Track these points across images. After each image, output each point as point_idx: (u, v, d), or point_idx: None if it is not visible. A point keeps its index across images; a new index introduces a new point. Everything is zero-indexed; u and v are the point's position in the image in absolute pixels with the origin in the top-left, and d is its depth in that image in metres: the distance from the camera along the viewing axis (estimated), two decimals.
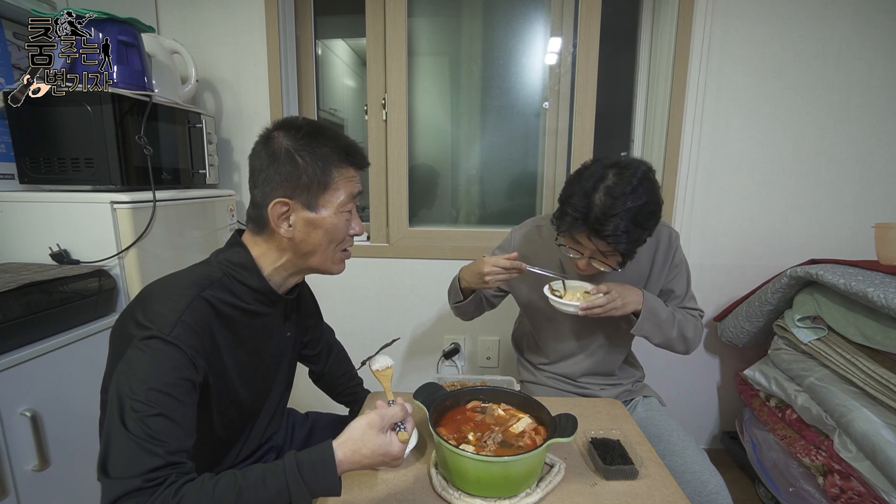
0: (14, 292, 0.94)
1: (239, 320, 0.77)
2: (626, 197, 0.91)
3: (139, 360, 0.64)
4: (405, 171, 1.80)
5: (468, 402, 0.93)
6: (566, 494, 0.78)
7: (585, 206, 0.93)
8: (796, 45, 1.61)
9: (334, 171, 0.75)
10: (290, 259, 0.79)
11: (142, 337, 0.65)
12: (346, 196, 0.77)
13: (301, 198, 0.74)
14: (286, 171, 0.73)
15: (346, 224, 0.79)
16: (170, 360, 0.65)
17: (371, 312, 1.87)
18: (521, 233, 1.26)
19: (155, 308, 0.68)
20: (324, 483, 0.63)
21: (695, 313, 1.19)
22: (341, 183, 0.76)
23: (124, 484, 0.57)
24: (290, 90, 1.78)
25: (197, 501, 0.58)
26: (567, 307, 1.02)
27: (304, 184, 0.74)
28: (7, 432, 0.93)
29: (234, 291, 0.76)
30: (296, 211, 0.75)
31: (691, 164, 1.69)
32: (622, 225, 0.90)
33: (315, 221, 0.75)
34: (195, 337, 0.68)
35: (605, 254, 0.98)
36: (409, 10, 1.71)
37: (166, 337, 0.65)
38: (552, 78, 1.79)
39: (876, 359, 1.20)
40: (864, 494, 1.15)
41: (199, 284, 0.72)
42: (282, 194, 0.73)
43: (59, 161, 1.21)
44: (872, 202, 1.69)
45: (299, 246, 0.77)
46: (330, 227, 0.76)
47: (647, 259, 1.15)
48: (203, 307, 0.71)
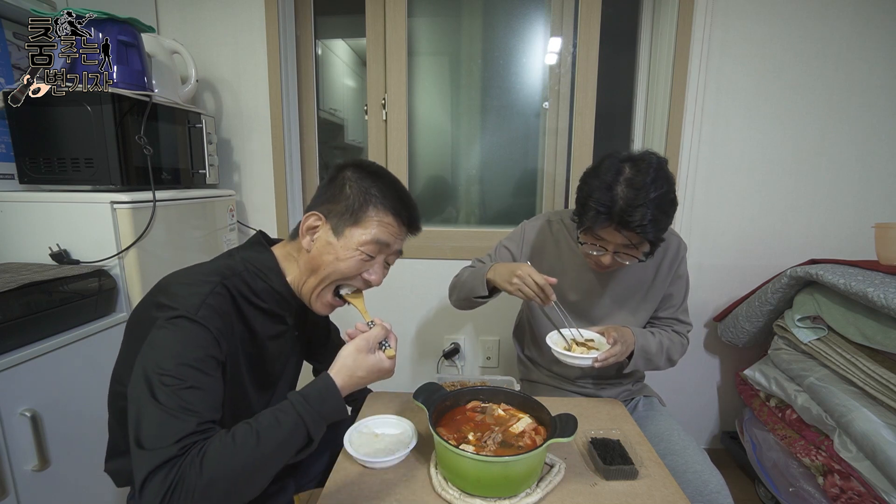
0: (14, 292, 0.94)
1: (254, 316, 0.80)
2: (647, 187, 0.91)
3: (166, 338, 0.66)
4: (405, 171, 1.80)
5: (468, 402, 0.93)
6: (566, 494, 0.78)
7: (609, 200, 0.93)
8: (796, 45, 1.61)
9: (371, 211, 0.78)
10: (298, 272, 0.82)
11: (168, 317, 0.67)
12: (371, 238, 0.78)
13: (332, 220, 0.79)
14: (332, 194, 0.79)
15: (359, 263, 0.79)
16: (197, 337, 0.67)
17: (371, 312, 1.86)
18: (532, 226, 1.25)
19: (179, 291, 0.71)
20: (331, 407, 0.69)
21: (684, 329, 1.20)
22: (373, 225, 0.78)
23: (160, 454, 0.58)
24: (290, 90, 1.79)
25: (220, 453, 0.60)
26: (582, 361, 0.99)
27: (339, 210, 0.78)
28: (7, 432, 0.93)
29: (254, 288, 0.79)
30: (324, 229, 0.79)
31: (691, 164, 1.69)
32: (649, 214, 0.91)
33: (332, 246, 0.78)
34: (219, 319, 0.71)
35: (630, 247, 0.98)
36: (409, 10, 1.71)
37: (193, 316, 0.67)
38: (552, 78, 1.79)
39: (876, 359, 1.20)
40: (864, 494, 1.15)
41: (222, 273, 0.76)
42: (320, 210, 0.79)
43: (59, 161, 1.21)
44: (872, 202, 1.69)
45: (311, 261, 0.80)
46: (342, 256, 0.78)
47: (653, 266, 1.15)
48: (225, 294, 0.74)
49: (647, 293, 1.17)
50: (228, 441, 0.61)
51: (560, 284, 1.20)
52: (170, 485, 0.57)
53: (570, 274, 1.18)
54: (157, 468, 0.58)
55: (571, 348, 1.03)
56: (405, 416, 0.97)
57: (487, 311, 1.83)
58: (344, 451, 0.87)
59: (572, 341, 1.05)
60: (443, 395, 0.89)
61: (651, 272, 1.16)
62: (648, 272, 1.16)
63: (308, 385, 0.70)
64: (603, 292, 1.17)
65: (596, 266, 1.08)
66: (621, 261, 1.01)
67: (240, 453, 0.61)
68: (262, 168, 1.78)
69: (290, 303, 0.84)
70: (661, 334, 1.15)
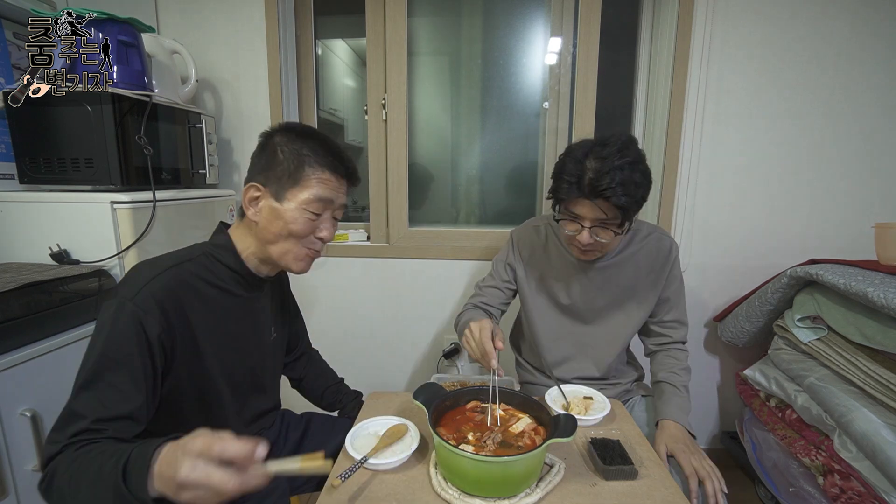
0: (14, 292, 0.94)
1: (216, 299, 0.81)
2: (613, 156, 0.95)
3: (100, 324, 0.69)
4: (405, 171, 1.80)
5: (468, 402, 0.93)
6: (566, 494, 0.78)
7: (579, 171, 0.96)
8: (796, 46, 1.60)
9: (308, 170, 0.79)
10: (257, 245, 0.84)
11: (107, 304, 0.70)
12: (312, 196, 0.80)
13: (272, 187, 0.79)
14: (266, 161, 0.80)
15: (308, 223, 0.81)
16: (126, 325, 0.68)
17: (371, 312, 1.87)
18: (518, 234, 1.27)
19: (129, 277, 0.74)
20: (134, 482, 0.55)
21: (683, 335, 1.20)
22: (312, 183, 0.80)
23: (53, 447, 0.63)
24: (290, 90, 1.78)
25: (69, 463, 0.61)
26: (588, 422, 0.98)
27: (276, 175, 0.79)
28: (7, 432, 0.93)
29: (212, 269, 0.82)
30: (265, 198, 0.80)
31: (691, 165, 1.69)
32: (616, 178, 0.93)
33: (278, 211, 0.79)
34: (155, 306, 0.71)
35: (605, 221, 0.99)
36: (409, 10, 1.70)
37: (127, 302, 0.69)
38: (552, 78, 1.79)
39: (876, 359, 1.20)
40: (864, 494, 1.15)
41: (178, 258, 0.79)
42: (257, 181, 0.80)
43: (59, 161, 1.21)
44: (872, 202, 1.69)
45: (261, 232, 0.81)
46: (290, 219, 0.79)
47: (646, 267, 1.16)
48: (172, 279, 0.75)
49: (641, 295, 1.17)
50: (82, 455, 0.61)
51: (552, 287, 1.20)
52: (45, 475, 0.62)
53: (561, 276, 1.18)
54: (51, 458, 0.63)
55: (570, 408, 1.01)
56: (405, 416, 0.97)
57: None
58: (344, 451, 0.87)
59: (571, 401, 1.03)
60: (443, 395, 0.89)
61: (644, 273, 1.16)
62: (641, 273, 1.16)
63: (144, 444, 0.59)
64: (596, 294, 1.17)
65: (579, 253, 1.09)
66: (598, 238, 1.01)
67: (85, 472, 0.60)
68: None
69: (246, 278, 0.85)
70: (676, 377, 1.13)
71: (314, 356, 1.22)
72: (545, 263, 1.20)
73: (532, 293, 1.22)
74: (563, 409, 1.00)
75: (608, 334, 1.20)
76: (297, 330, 1.15)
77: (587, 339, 1.21)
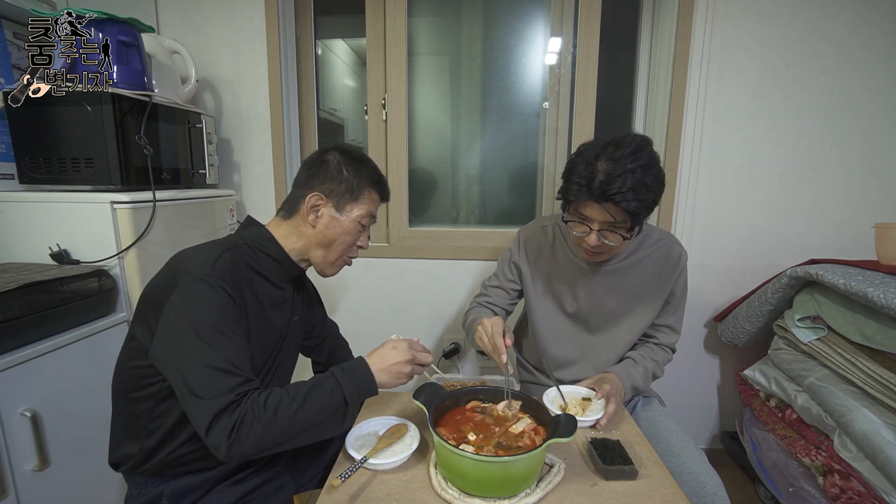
0: (14, 292, 0.94)
1: (258, 284, 0.88)
2: (625, 158, 0.93)
3: (189, 301, 0.74)
4: (405, 171, 1.80)
5: (468, 402, 0.93)
6: (566, 494, 0.78)
7: (590, 174, 0.95)
8: (796, 46, 1.60)
9: (365, 191, 0.93)
10: (305, 245, 0.92)
11: (186, 283, 0.75)
12: (365, 212, 0.94)
13: (334, 199, 0.91)
14: (332, 175, 0.91)
15: (357, 234, 0.94)
16: (215, 298, 0.76)
17: (371, 312, 1.87)
18: (526, 233, 1.26)
19: (192, 260, 0.80)
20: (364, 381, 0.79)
21: (672, 341, 1.22)
22: (367, 201, 0.94)
23: (221, 400, 0.69)
24: (290, 90, 1.78)
25: (278, 401, 0.71)
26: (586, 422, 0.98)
27: (340, 190, 0.91)
28: (7, 432, 0.93)
29: (256, 258, 0.89)
30: (326, 207, 0.91)
31: (692, 165, 1.69)
32: (628, 182, 0.91)
33: (337, 220, 0.91)
34: (230, 281, 0.79)
35: (613, 224, 0.98)
36: (409, 10, 1.71)
37: (207, 279, 0.76)
38: (552, 78, 1.79)
39: (876, 359, 1.20)
40: (864, 494, 1.15)
41: (227, 244, 0.86)
42: (321, 191, 0.90)
43: (59, 161, 1.21)
44: (872, 202, 1.69)
45: (317, 236, 0.91)
46: (346, 228, 0.92)
47: (653, 272, 1.15)
48: (232, 261, 0.83)
49: (646, 301, 1.16)
50: (282, 393, 0.73)
51: (557, 291, 1.20)
52: (235, 422, 0.68)
53: (567, 279, 1.18)
54: (221, 411, 0.68)
55: (567, 408, 1.02)
56: (405, 416, 0.97)
57: None
58: (344, 451, 0.87)
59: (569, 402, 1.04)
60: (443, 395, 0.89)
61: (650, 279, 1.15)
62: (648, 279, 1.15)
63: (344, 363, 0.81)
64: (601, 299, 1.16)
65: (586, 255, 1.08)
66: (606, 241, 1.01)
67: (293, 403, 0.72)
68: (262, 168, 1.78)
69: (289, 271, 0.94)
70: (643, 360, 1.16)
71: (342, 347, 1.25)
72: (551, 264, 1.20)
73: (537, 295, 1.22)
74: (561, 410, 1.00)
75: (611, 340, 1.19)
76: (320, 318, 1.17)
77: (590, 343, 1.21)
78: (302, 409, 0.72)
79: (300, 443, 0.74)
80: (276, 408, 0.70)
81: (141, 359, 0.79)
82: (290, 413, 0.71)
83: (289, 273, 0.94)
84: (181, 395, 0.71)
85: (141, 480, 0.86)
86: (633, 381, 1.12)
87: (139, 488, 0.86)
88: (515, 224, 1.92)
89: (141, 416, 0.82)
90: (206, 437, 0.68)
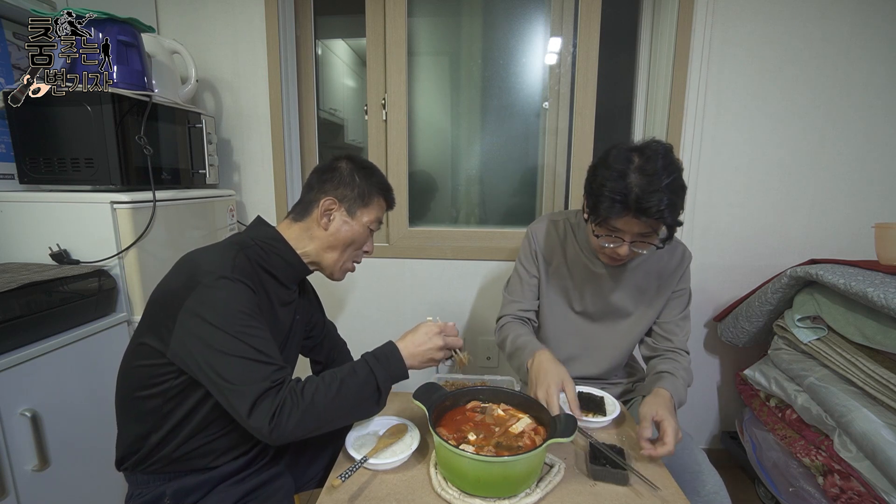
0: (14, 292, 0.94)
1: (269, 283, 0.90)
2: (660, 173, 0.92)
3: (213, 297, 0.76)
4: (405, 171, 1.80)
5: (468, 402, 0.93)
6: (566, 494, 0.78)
7: (624, 188, 0.92)
8: (796, 46, 1.60)
9: (375, 198, 0.98)
10: (316, 247, 0.95)
11: (210, 280, 0.77)
12: (374, 217, 0.98)
13: (346, 204, 0.95)
14: (345, 181, 0.95)
15: (365, 237, 0.99)
16: (240, 292, 0.78)
17: (371, 312, 1.87)
18: (535, 228, 1.24)
19: (209, 259, 0.82)
20: (395, 366, 0.83)
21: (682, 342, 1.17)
22: (375, 208, 0.98)
23: (260, 386, 0.72)
24: (290, 90, 1.78)
25: (315, 389, 0.75)
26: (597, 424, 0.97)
27: (352, 196, 0.95)
28: (7, 432, 0.93)
29: (267, 258, 0.90)
30: (339, 211, 0.94)
31: (692, 165, 1.69)
32: (665, 199, 0.90)
33: (348, 224, 0.95)
34: (248, 278, 0.82)
35: (647, 234, 0.98)
36: (409, 10, 1.70)
37: (229, 276, 0.78)
38: (552, 78, 1.79)
39: (876, 359, 1.20)
40: (864, 494, 1.15)
41: (239, 244, 0.88)
42: (334, 195, 0.94)
43: (59, 161, 1.21)
44: (872, 202, 1.69)
45: (328, 238, 0.94)
46: (356, 232, 0.96)
47: (655, 271, 1.15)
48: (247, 260, 0.86)
49: (650, 298, 1.17)
50: (318, 381, 0.77)
51: (565, 287, 1.20)
52: (277, 405, 0.71)
53: (574, 276, 1.18)
54: (262, 394, 0.71)
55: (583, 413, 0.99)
56: (405, 416, 0.97)
57: (487, 313, 1.84)
58: (344, 451, 0.87)
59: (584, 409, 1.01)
60: (443, 395, 0.89)
61: (654, 277, 1.16)
62: (652, 277, 1.16)
63: (377, 349, 0.84)
64: (607, 296, 1.17)
65: (610, 260, 1.08)
66: (637, 250, 1.01)
67: (329, 389, 0.76)
68: (262, 168, 1.78)
69: (298, 272, 0.96)
70: (679, 372, 1.09)
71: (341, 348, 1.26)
72: (562, 261, 1.20)
73: (547, 291, 1.22)
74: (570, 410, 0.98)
75: (616, 337, 1.20)
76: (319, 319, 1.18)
77: (594, 340, 1.21)
78: (338, 397, 0.76)
79: (336, 426, 0.79)
80: (312, 395, 0.74)
81: (151, 358, 0.80)
82: (326, 401, 0.75)
83: (298, 274, 0.97)
84: (216, 386, 0.74)
85: (143, 479, 0.86)
86: (679, 395, 1.04)
87: (140, 488, 0.86)
88: (516, 224, 1.93)
89: (150, 413, 0.82)
90: (247, 421, 0.71)
